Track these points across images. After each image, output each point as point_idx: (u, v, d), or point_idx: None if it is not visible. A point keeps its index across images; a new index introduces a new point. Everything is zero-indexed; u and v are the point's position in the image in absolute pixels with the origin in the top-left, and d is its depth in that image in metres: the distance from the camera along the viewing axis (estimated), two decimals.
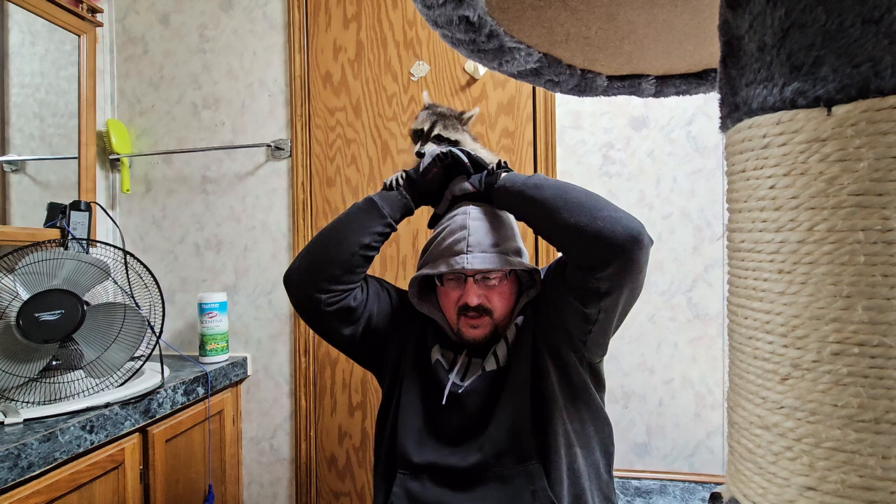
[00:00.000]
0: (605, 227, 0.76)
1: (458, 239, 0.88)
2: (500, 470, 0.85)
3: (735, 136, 0.38)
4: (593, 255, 0.78)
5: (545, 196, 0.82)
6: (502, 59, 0.59)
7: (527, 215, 0.86)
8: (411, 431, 0.90)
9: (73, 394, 1.18)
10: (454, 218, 0.91)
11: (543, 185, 0.84)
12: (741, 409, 0.38)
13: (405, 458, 0.89)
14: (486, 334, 0.91)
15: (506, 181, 0.88)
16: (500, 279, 0.90)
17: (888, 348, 0.30)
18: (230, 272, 1.75)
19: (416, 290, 0.96)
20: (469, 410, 0.89)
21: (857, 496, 0.31)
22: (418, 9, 0.50)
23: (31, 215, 1.47)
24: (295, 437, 1.70)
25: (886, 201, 0.30)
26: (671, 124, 1.48)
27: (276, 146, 1.70)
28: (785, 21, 0.33)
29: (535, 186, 0.84)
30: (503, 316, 0.92)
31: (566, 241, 0.82)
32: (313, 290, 0.91)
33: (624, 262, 0.77)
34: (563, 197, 0.81)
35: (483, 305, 0.89)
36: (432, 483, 0.87)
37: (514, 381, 0.88)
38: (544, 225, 0.84)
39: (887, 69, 0.30)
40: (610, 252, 0.76)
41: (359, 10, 1.66)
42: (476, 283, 0.88)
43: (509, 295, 0.92)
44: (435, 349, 0.94)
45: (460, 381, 0.90)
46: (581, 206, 0.79)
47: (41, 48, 1.52)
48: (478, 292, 0.88)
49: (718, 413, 1.45)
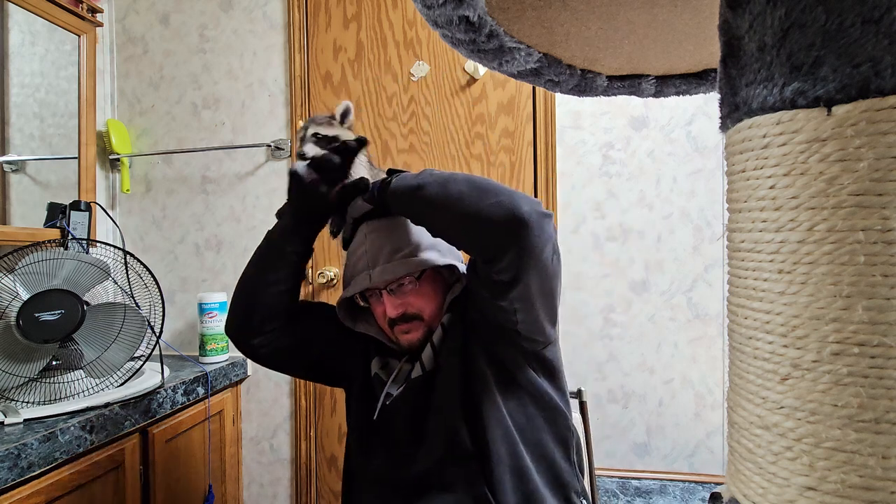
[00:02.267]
0: (488, 215, 0.72)
1: (359, 257, 0.87)
2: (441, 477, 0.83)
3: (735, 136, 0.38)
4: (484, 247, 0.75)
5: (428, 195, 0.77)
6: (502, 59, 0.59)
7: (419, 219, 0.83)
8: (357, 446, 0.91)
9: (73, 394, 1.18)
10: (356, 240, 0.90)
11: (427, 183, 0.79)
12: (741, 409, 0.38)
13: (358, 472, 0.91)
14: (420, 337, 0.89)
15: (394, 188, 0.83)
16: (414, 282, 0.87)
17: (888, 348, 0.30)
18: (230, 272, 1.75)
19: (345, 313, 0.95)
20: (400, 421, 0.88)
21: (857, 496, 0.31)
22: (418, 9, 0.50)
23: (31, 215, 1.47)
24: (295, 437, 1.70)
25: (886, 201, 0.30)
26: (671, 124, 1.48)
27: (276, 146, 1.70)
28: (785, 21, 0.33)
29: (419, 187, 0.79)
30: (433, 315, 0.90)
31: (456, 238, 0.80)
32: (247, 339, 0.93)
33: (517, 247, 0.72)
34: (444, 193, 0.76)
35: (406, 312, 0.87)
36: (382, 495, 0.87)
37: (443, 385, 0.85)
38: (433, 226, 0.81)
39: (887, 69, 0.30)
40: (498, 240, 0.72)
41: (359, 10, 1.66)
42: (392, 294, 0.87)
43: (432, 293, 0.90)
44: (374, 362, 0.94)
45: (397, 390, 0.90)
46: (463, 198, 0.74)
47: (41, 48, 1.52)
48: (395, 302, 0.86)
49: (718, 413, 1.45)
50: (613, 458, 1.50)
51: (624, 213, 1.50)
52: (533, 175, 1.56)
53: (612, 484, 1.48)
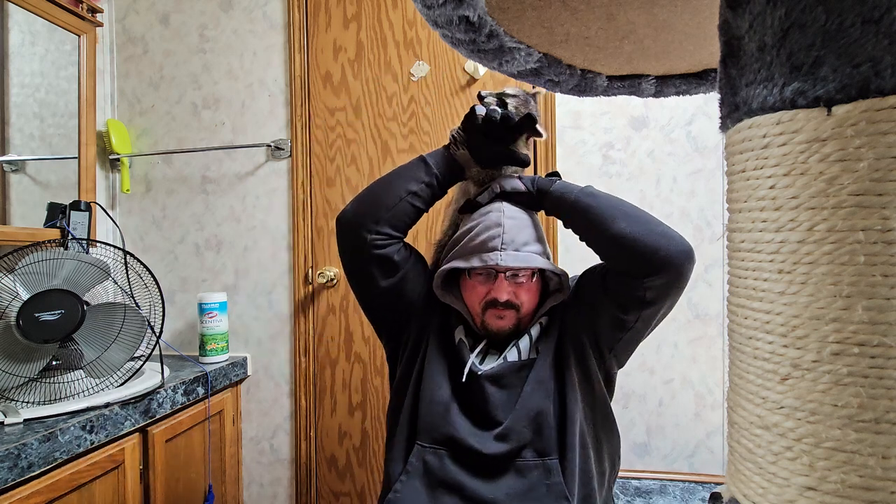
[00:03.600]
0: (662, 240, 0.82)
1: (492, 235, 0.89)
2: (518, 461, 0.86)
3: (735, 136, 0.38)
4: (645, 264, 0.82)
5: (601, 205, 0.86)
6: (502, 59, 0.59)
7: (579, 223, 0.89)
8: (434, 404, 0.90)
9: (73, 394, 1.18)
10: (488, 214, 0.92)
11: (598, 195, 0.88)
12: (741, 409, 0.38)
13: (427, 429, 0.90)
14: (511, 326, 0.92)
15: (561, 188, 0.90)
16: (529, 278, 0.92)
17: (888, 348, 0.30)
18: (230, 272, 1.75)
19: (440, 282, 0.96)
20: (489, 396, 0.89)
21: (857, 496, 0.31)
22: (418, 9, 0.50)
23: (31, 215, 1.47)
24: (295, 437, 1.70)
25: (886, 201, 0.30)
26: (671, 124, 1.48)
27: (276, 146, 1.70)
28: (785, 21, 0.33)
29: (592, 195, 0.88)
30: (528, 312, 0.94)
31: (619, 250, 0.84)
32: (363, 229, 0.93)
33: (675, 275, 0.82)
34: (619, 208, 0.86)
35: (511, 301, 0.91)
36: (450, 460, 0.88)
37: (538, 376, 0.89)
38: (597, 233, 0.87)
39: (887, 69, 0.30)
40: (663, 263, 0.81)
41: (359, 10, 1.66)
42: (506, 280, 0.90)
43: (536, 293, 0.94)
44: (459, 329, 0.96)
45: (479, 364, 0.91)
46: (637, 218, 0.84)
47: (41, 48, 1.52)
48: (507, 289, 0.90)
49: (718, 413, 1.45)
50: None
51: None
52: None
53: None
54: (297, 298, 1.70)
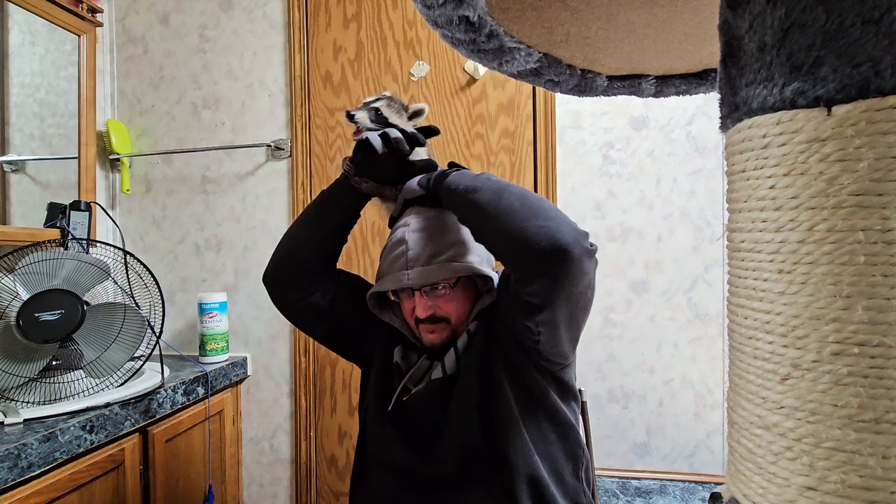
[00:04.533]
0: (531, 237, 0.70)
1: (398, 255, 0.86)
2: (456, 480, 0.84)
3: (735, 136, 0.38)
4: (521, 268, 0.74)
5: (480, 200, 0.77)
6: (502, 59, 0.59)
7: (465, 220, 0.83)
8: (377, 432, 0.92)
9: (73, 394, 1.18)
10: (395, 231, 0.89)
11: (482, 187, 0.78)
12: (741, 409, 0.38)
13: (373, 455, 0.92)
14: (444, 339, 0.89)
15: (450, 182, 0.83)
16: (448, 287, 0.87)
17: (888, 348, 0.30)
18: (230, 272, 1.75)
19: (374, 302, 0.95)
20: (417, 419, 0.89)
21: (857, 496, 0.31)
22: (418, 9, 0.50)
23: (31, 215, 1.47)
24: (295, 437, 1.70)
25: (886, 201, 0.30)
26: (671, 124, 1.48)
27: (276, 146, 1.70)
28: (785, 21, 0.33)
29: (474, 189, 0.78)
30: (460, 319, 0.90)
31: (496, 250, 0.79)
32: (284, 289, 0.95)
33: (551, 276, 0.71)
34: (496, 202, 0.75)
35: (435, 315, 0.87)
36: (395, 485, 0.88)
37: (463, 391, 0.86)
38: (478, 231, 0.81)
39: (887, 69, 0.30)
40: (535, 265, 0.71)
41: (359, 10, 1.66)
42: (424, 295, 0.86)
43: (463, 299, 0.89)
44: (396, 351, 0.94)
45: (414, 385, 0.90)
46: (512, 213, 0.73)
47: (41, 48, 1.52)
48: (426, 304, 0.86)
49: (718, 413, 1.45)
50: (613, 458, 1.50)
51: (624, 213, 1.50)
52: (533, 175, 1.56)
53: (612, 484, 1.48)
54: None
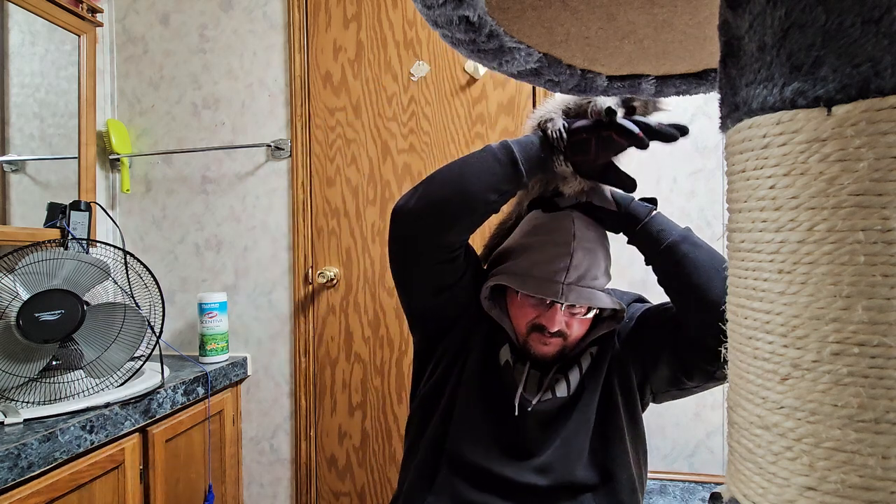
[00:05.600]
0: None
1: (560, 267, 0.80)
2: (551, 495, 0.82)
3: (735, 136, 0.38)
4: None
5: (700, 260, 0.76)
6: (502, 59, 0.59)
7: (669, 272, 0.80)
8: (469, 429, 0.85)
9: (73, 394, 1.18)
10: (558, 233, 0.82)
11: (700, 244, 0.78)
12: (741, 409, 0.38)
13: (460, 453, 0.84)
14: (555, 353, 0.86)
15: (658, 224, 0.81)
16: (585, 310, 0.85)
17: (888, 348, 0.30)
18: (230, 272, 1.75)
19: (488, 293, 0.88)
20: (531, 430, 0.85)
21: (857, 496, 0.31)
22: (418, 9, 0.50)
23: (31, 215, 1.47)
24: (295, 437, 1.70)
25: (886, 201, 0.30)
26: None
27: (276, 146, 1.70)
28: (785, 21, 0.33)
29: (693, 244, 0.77)
30: (575, 340, 0.87)
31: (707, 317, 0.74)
32: (428, 237, 0.80)
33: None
34: (717, 267, 0.75)
35: (561, 330, 0.84)
36: (481, 486, 0.83)
37: (581, 413, 0.85)
38: (685, 290, 0.78)
39: (887, 69, 0.30)
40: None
41: (359, 10, 1.66)
42: (561, 311, 0.83)
43: (588, 323, 0.88)
44: (504, 349, 0.89)
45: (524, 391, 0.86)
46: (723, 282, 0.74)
47: (41, 48, 1.52)
48: (560, 319, 0.83)
49: (718, 413, 1.45)
50: None
51: None
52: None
53: None
54: (297, 298, 1.70)
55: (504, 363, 0.88)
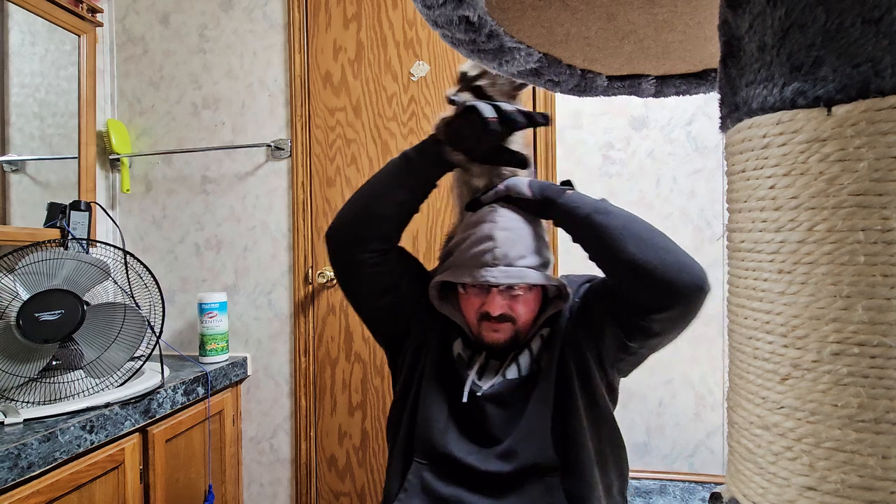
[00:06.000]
0: (673, 271, 0.75)
1: (484, 250, 0.84)
2: (518, 480, 0.84)
3: (735, 136, 0.38)
4: (655, 298, 0.77)
5: (613, 225, 0.79)
6: (502, 59, 0.59)
7: (588, 242, 0.83)
8: (432, 421, 0.88)
9: (73, 394, 1.18)
10: (482, 225, 0.87)
11: (612, 212, 0.81)
12: (741, 409, 0.38)
13: (424, 446, 0.88)
14: (507, 339, 0.89)
15: (572, 201, 0.84)
16: (526, 290, 0.88)
17: (888, 348, 0.30)
18: (230, 272, 1.75)
19: (436, 293, 0.93)
20: (489, 415, 0.87)
21: (857, 496, 0.31)
22: (418, 9, 0.50)
23: (31, 215, 1.47)
24: (295, 437, 1.70)
25: (886, 201, 0.30)
26: (671, 124, 1.48)
27: (276, 146, 1.70)
28: (785, 21, 0.33)
29: (605, 213, 0.81)
30: (526, 323, 0.90)
31: (628, 277, 0.79)
32: (354, 247, 0.90)
33: (685, 309, 0.77)
34: (631, 230, 0.79)
35: (505, 314, 0.87)
36: (449, 478, 0.86)
37: (539, 393, 0.86)
38: (607, 257, 0.81)
39: (887, 69, 0.30)
40: (673, 298, 0.76)
41: (359, 10, 1.66)
42: (500, 294, 0.86)
43: (533, 304, 0.90)
44: (457, 343, 0.93)
45: (478, 380, 0.89)
46: (649, 244, 0.77)
47: (41, 48, 1.52)
48: (501, 303, 0.86)
49: (718, 413, 1.45)
50: None
51: None
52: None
53: None
54: (297, 298, 1.70)
55: (457, 356, 0.92)
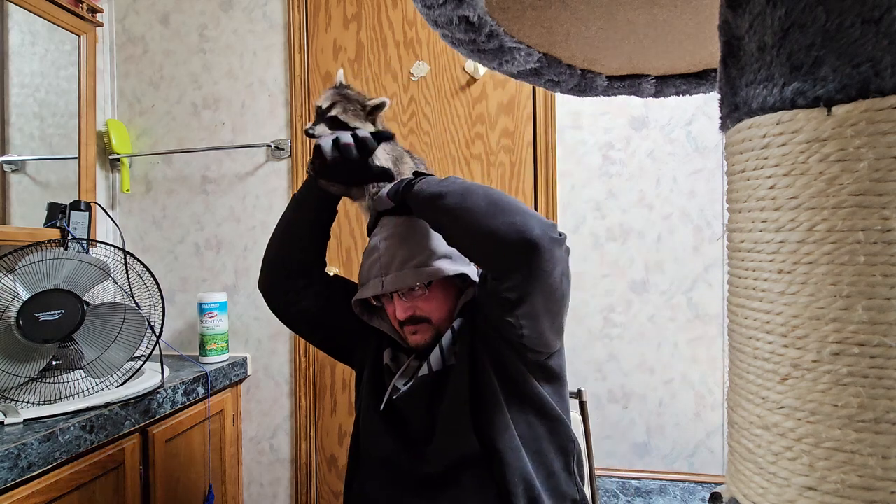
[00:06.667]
0: (500, 234, 0.72)
1: (372, 262, 0.89)
2: (450, 477, 0.84)
3: (735, 136, 0.38)
4: (494, 265, 0.77)
5: (447, 205, 0.78)
6: (502, 59, 0.59)
7: (436, 226, 0.84)
8: (368, 432, 0.92)
9: (73, 394, 1.18)
10: (372, 239, 0.92)
11: (447, 192, 0.79)
12: (741, 409, 0.38)
13: (365, 457, 0.93)
14: (428, 339, 0.90)
15: (417, 192, 0.83)
16: (423, 289, 0.88)
17: (888, 348, 0.30)
18: (230, 272, 1.75)
19: (361, 309, 0.97)
20: (408, 417, 0.89)
21: (857, 496, 0.31)
22: (418, 9, 0.50)
23: (31, 215, 1.47)
24: (295, 437, 1.70)
25: (886, 201, 0.30)
26: (671, 124, 1.48)
27: (276, 146, 1.70)
28: (785, 21, 0.33)
29: (440, 195, 0.79)
30: (442, 319, 0.90)
31: (468, 250, 0.81)
32: (277, 291, 0.99)
33: (524, 269, 0.73)
34: (462, 205, 0.76)
35: (415, 315, 0.88)
36: (388, 483, 0.88)
37: (452, 387, 0.86)
38: (449, 236, 0.82)
39: (887, 69, 0.30)
40: (507, 261, 0.74)
41: (359, 10, 1.66)
42: (402, 298, 0.88)
43: (442, 298, 0.90)
44: (386, 353, 0.96)
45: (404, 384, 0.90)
46: (479, 213, 0.75)
47: (41, 48, 1.52)
48: (404, 306, 0.88)
49: (718, 413, 1.45)
50: (613, 458, 1.50)
51: (624, 213, 1.50)
52: (533, 175, 1.56)
53: (612, 484, 1.48)
54: None
55: (384, 366, 0.95)
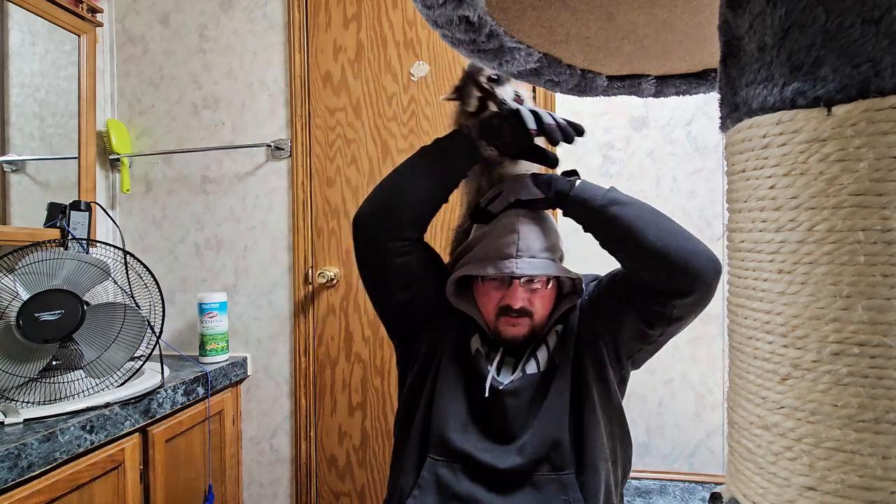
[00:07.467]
0: (692, 256, 0.78)
1: (507, 242, 0.85)
2: (534, 476, 0.84)
3: (735, 136, 0.38)
4: (675, 283, 0.79)
5: (628, 215, 0.81)
6: (502, 59, 0.59)
7: (603, 233, 0.85)
8: (450, 417, 0.88)
9: (73, 394, 1.18)
10: (500, 220, 0.88)
11: (625, 202, 0.83)
12: (741, 409, 0.38)
13: (441, 442, 0.87)
14: (525, 334, 0.89)
15: (583, 193, 0.85)
16: (544, 285, 0.89)
17: (888, 348, 0.30)
18: (230, 272, 1.75)
19: (454, 288, 0.93)
20: (509, 410, 0.87)
21: (857, 496, 0.31)
22: (418, 9, 0.50)
23: (31, 215, 1.47)
24: (295, 437, 1.70)
25: (886, 201, 0.30)
26: (671, 124, 1.48)
27: (276, 146, 1.70)
28: (785, 21, 0.33)
29: (618, 203, 0.82)
30: (542, 319, 0.91)
31: (649, 266, 0.81)
32: (385, 236, 0.88)
33: (704, 293, 0.79)
34: (646, 218, 0.81)
35: (525, 308, 0.87)
36: (464, 475, 0.85)
37: (556, 389, 0.87)
38: (624, 247, 0.83)
39: (887, 69, 0.30)
40: (694, 282, 0.78)
41: (359, 10, 1.66)
42: (521, 286, 0.87)
43: (550, 299, 0.91)
44: (475, 338, 0.93)
45: (497, 376, 0.89)
46: (665, 231, 0.79)
47: (41, 48, 1.52)
48: (522, 296, 0.87)
49: (718, 413, 1.45)
50: None
51: None
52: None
53: None
54: (297, 298, 1.70)
55: (475, 351, 0.92)
